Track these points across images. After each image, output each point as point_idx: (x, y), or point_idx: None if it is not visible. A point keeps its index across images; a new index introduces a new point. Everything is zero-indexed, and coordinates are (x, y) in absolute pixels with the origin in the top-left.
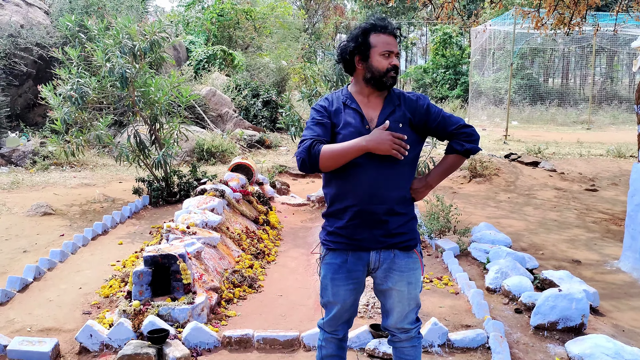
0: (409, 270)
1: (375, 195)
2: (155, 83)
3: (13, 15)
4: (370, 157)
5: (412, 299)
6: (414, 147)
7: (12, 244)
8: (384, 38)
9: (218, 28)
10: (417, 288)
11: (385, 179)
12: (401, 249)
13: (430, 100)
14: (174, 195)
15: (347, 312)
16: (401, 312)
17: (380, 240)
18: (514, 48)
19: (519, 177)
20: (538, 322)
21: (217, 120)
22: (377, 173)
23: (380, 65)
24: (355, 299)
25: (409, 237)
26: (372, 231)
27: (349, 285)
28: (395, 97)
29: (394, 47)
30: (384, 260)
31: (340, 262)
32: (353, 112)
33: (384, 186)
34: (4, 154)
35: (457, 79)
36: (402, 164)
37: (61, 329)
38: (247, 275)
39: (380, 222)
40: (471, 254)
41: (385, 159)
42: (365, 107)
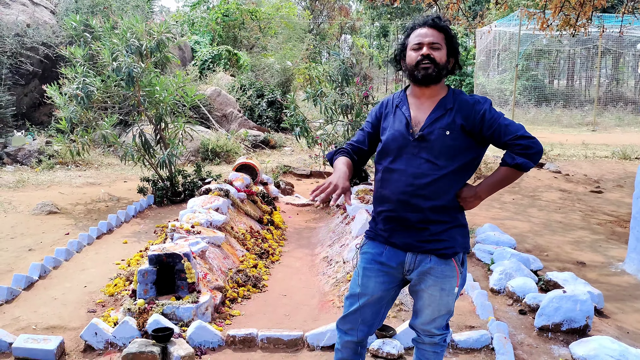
0: (444, 277)
1: (408, 203)
2: (160, 83)
3: (19, 15)
4: (407, 164)
5: (443, 305)
6: (466, 153)
7: (18, 243)
8: (417, 32)
9: (223, 28)
10: (451, 295)
11: (420, 189)
12: (438, 255)
13: (491, 103)
14: (179, 195)
15: (371, 311)
16: (430, 316)
17: (416, 245)
18: (519, 49)
19: (524, 179)
20: (542, 323)
21: (222, 120)
22: (412, 180)
23: (410, 59)
24: (383, 298)
25: (447, 245)
26: (408, 236)
27: (379, 277)
28: (450, 100)
29: (424, 38)
30: (419, 263)
31: (376, 253)
32: (402, 114)
33: (418, 195)
34: (10, 153)
35: (462, 80)
36: (445, 173)
37: (66, 327)
38: (251, 274)
39: (416, 229)
40: (475, 255)
41: (423, 166)
42: (415, 110)
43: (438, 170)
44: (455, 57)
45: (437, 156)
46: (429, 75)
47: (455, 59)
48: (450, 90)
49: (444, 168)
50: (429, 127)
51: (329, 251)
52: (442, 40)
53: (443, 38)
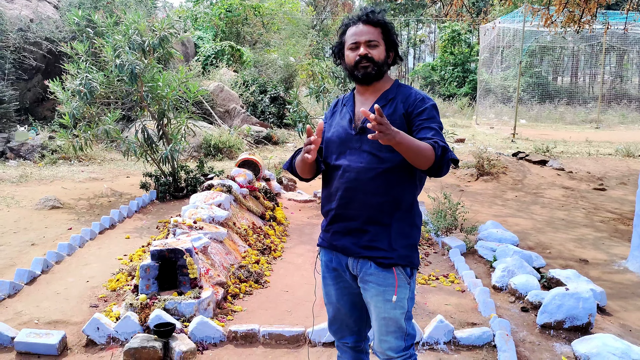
0: (387, 285)
1: (352, 199)
2: (163, 78)
3: (23, 10)
4: (350, 159)
5: (390, 320)
6: None
7: (21, 237)
8: (352, 30)
9: (226, 24)
10: (398, 309)
11: (364, 183)
12: (377, 263)
13: (436, 106)
14: (181, 191)
15: (348, 318)
16: (378, 331)
17: (355, 250)
18: (523, 46)
19: (527, 176)
20: (544, 320)
21: (225, 116)
22: (356, 175)
23: (348, 60)
24: (353, 303)
25: (385, 255)
26: (347, 238)
27: (338, 284)
28: (392, 91)
29: (360, 37)
30: (361, 268)
31: (327, 260)
32: (346, 112)
33: (362, 190)
34: (13, 148)
35: (465, 77)
36: (389, 167)
37: (68, 322)
38: (253, 270)
39: (357, 231)
40: (478, 252)
41: (366, 160)
42: (360, 105)
43: (382, 164)
44: (394, 50)
45: (379, 148)
46: (368, 74)
47: (395, 52)
48: (396, 82)
49: (388, 161)
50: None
51: None
52: (379, 36)
53: (380, 33)
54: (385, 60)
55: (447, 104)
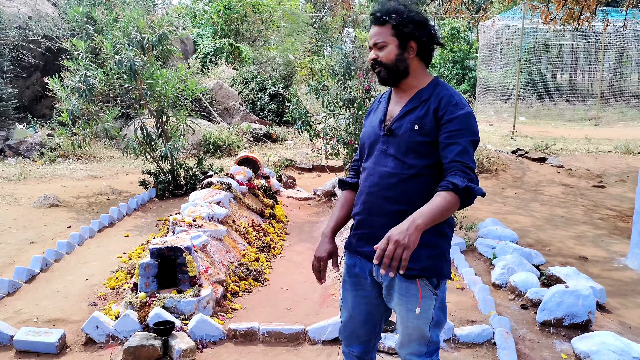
0: (410, 295)
1: (373, 205)
2: (162, 76)
3: (21, 7)
4: (376, 161)
5: (413, 329)
6: (430, 155)
7: (20, 235)
8: (370, 31)
9: (225, 21)
10: (422, 319)
11: (385, 189)
12: (400, 274)
13: (471, 115)
14: (181, 188)
15: (360, 328)
16: (402, 338)
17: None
18: (523, 43)
19: (526, 173)
20: (544, 318)
21: (224, 114)
22: (379, 180)
23: (369, 63)
24: (369, 314)
25: (411, 266)
26: (370, 245)
27: (357, 292)
28: (427, 91)
29: (370, 40)
30: (385, 276)
31: (350, 265)
32: (380, 110)
33: (383, 197)
34: (12, 146)
35: (464, 74)
36: (414, 173)
37: (67, 320)
38: (253, 268)
39: (380, 239)
40: (477, 250)
41: (390, 164)
42: (393, 104)
43: (406, 170)
44: (416, 40)
45: (404, 153)
46: (382, 79)
47: (418, 42)
48: (433, 81)
49: (413, 167)
50: (399, 120)
51: None
52: (387, 34)
53: (389, 29)
54: (400, 58)
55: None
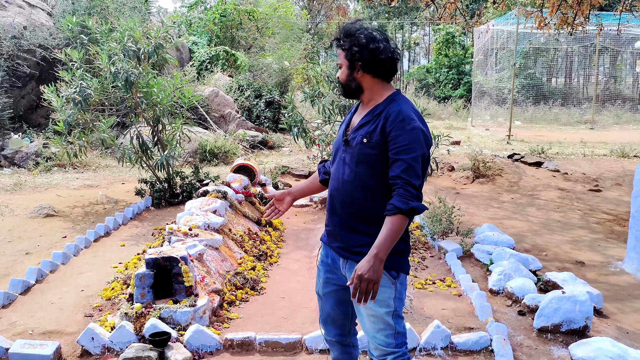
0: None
1: (334, 207)
2: (157, 84)
3: (16, 17)
4: (337, 168)
5: (377, 318)
6: (378, 166)
7: (15, 246)
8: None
9: (221, 29)
10: (383, 307)
11: (342, 194)
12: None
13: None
14: (177, 197)
15: (334, 312)
16: (368, 330)
17: (343, 253)
18: (517, 48)
19: (522, 178)
20: (541, 324)
21: (220, 121)
22: (337, 185)
23: None
24: (340, 297)
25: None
26: (336, 242)
27: (328, 276)
28: (381, 106)
29: (337, 60)
30: (348, 269)
31: (324, 255)
32: (349, 117)
33: (340, 200)
34: (7, 156)
35: (460, 79)
36: (364, 181)
37: (63, 332)
38: (249, 277)
39: (342, 236)
40: (474, 256)
41: (346, 172)
42: (357, 115)
43: (356, 178)
44: (361, 59)
45: (356, 163)
46: (342, 94)
47: (363, 60)
48: (389, 97)
49: (363, 176)
50: (354, 132)
51: None
52: (342, 57)
53: (343, 52)
54: (350, 77)
55: (442, 106)
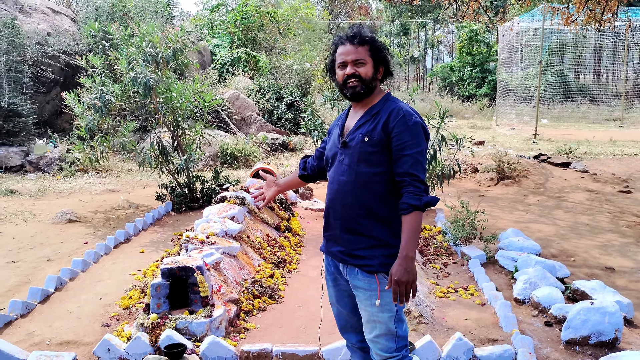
0: (372, 290)
1: (334, 210)
2: (177, 89)
3: (40, 23)
4: (335, 171)
5: (379, 323)
6: (389, 162)
7: (37, 253)
8: (341, 49)
9: (242, 31)
10: (385, 312)
11: (342, 196)
12: (362, 270)
13: (419, 124)
14: (197, 201)
15: (351, 319)
16: (369, 334)
17: (343, 258)
18: (543, 44)
19: (549, 179)
20: (569, 336)
21: (241, 124)
22: (337, 187)
23: (338, 78)
24: (354, 306)
25: (367, 263)
26: (336, 246)
27: (337, 287)
28: (377, 106)
29: (347, 56)
30: (349, 274)
31: (327, 264)
32: (341, 123)
33: (341, 202)
34: (32, 161)
35: (484, 77)
36: (365, 181)
37: (80, 342)
38: (267, 285)
39: (341, 239)
40: (498, 262)
41: (345, 173)
42: (350, 118)
43: (357, 177)
44: (384, 65)
45: (357, 163)
46: (357, 93)
47: (385, 67)
48: (384, 97)
49: (364, 175)
50: (352, 133)
51: None
52: (365, 54)
53: (367, 51)
54: (374, 76)
55: (466, 105)
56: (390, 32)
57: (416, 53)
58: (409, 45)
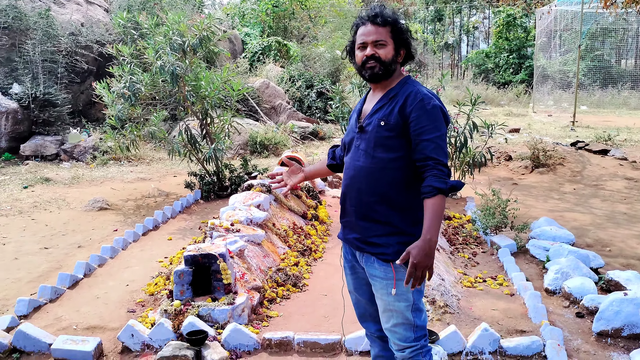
0: (388, 278)
1: (350, 196)
2: (205, 78)
3: (74, 14)
4: (352, 156)
5: (396, 313)
6: (406, 146)
7: (68, 239)
8: (361, 30)
9: (273, 19)
10: (402, 301)
11: (358, 181)
12: (378, 258)
13: (437, 107)
14: (226, 189)
15: (369, 307)
16: (387, 324)
17: (359, 245)
18: (583, 29)
19: (586, 167)
20: (601, 328)
21: (271, 113)
22: (354, 173)
23: (357, 59)
24: (372, 292)
25: (382, 251)
26: (352, 233)
27: (354, 275)
28: (395, 89)
29: (367, 37)
30: (366, 262)
31: (345, 252)
32: (358, 107)
33: (357, 188)
34: (66, 150)
35: (521, 63)
36: (382, 166)
37: (106, 327)
38: (292, 273)
39: (357, 226)
40: (529, 252)
41: (362, 158)
42: (369, 102)
43: (375, 163)
44: (406, 48)
45: (373, 148)
46: (375, 74)
47: (407, 50)
48: (403, 80)
49: (381, 161)
50: (369, 117)
51: None
52: (387, 35)
53: (388, 32)
54: (394, 59)
55: (501, 92)
56: (424, 18)
57: (450, 39)
58: (443, 31)
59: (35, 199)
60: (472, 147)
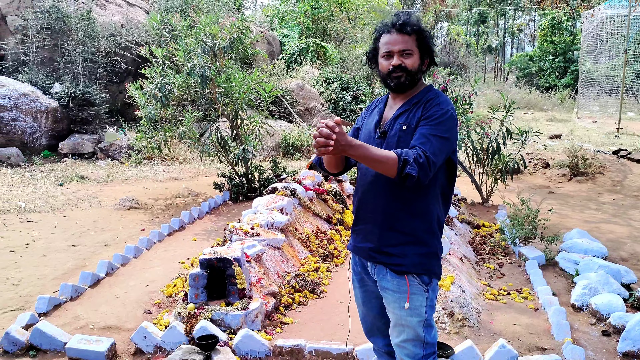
0: (402, 292)
1: (366, 203)
2: (236, 79)
3: (114, 15)
4: None
5: (407, 328)
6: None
7: (97, 238)
8: (386, 38)
9: (312, 21)
10: (414, 316)
11: (376, 188)
12: (391, 270)
13: (449, 114)
14: (254, 191)
15: (378, 321)
16: (396, 339)
17: (372, 255)
18: (630, 32)
19: (628, 176)
20: (626, 348)
21: (305, 114)
22: (372, 179)
23: (382, 67)
24: (381, 306)
25: (397, 262)
26: (365, 242)
27: (364, 288)
28: (418, 96)
29: (394, 46)
30: (378, 274)
31: (354, 264)
32: (376, 113)
33: (374, 195)
34: (103, 148)
35: (566, 67)
36: None
37: (121, 328)
38: (310, 279)
39: (372, 235)
40: (559, 265)
41: None
42: (389, 109)
43: None
44: (430, 57)
45: None
46: (402, 84)
47: (430, 58)
48: (426, 88)
49: None
50: (391, 123)
51: None
52: (413, 44)
53: (414, 41)
54: (419, 68)
55: (545, 97)
56: (467, 20)
57: (494, 42)
58: (487, 34)
59: (69, 196)
60: (506, 154)
